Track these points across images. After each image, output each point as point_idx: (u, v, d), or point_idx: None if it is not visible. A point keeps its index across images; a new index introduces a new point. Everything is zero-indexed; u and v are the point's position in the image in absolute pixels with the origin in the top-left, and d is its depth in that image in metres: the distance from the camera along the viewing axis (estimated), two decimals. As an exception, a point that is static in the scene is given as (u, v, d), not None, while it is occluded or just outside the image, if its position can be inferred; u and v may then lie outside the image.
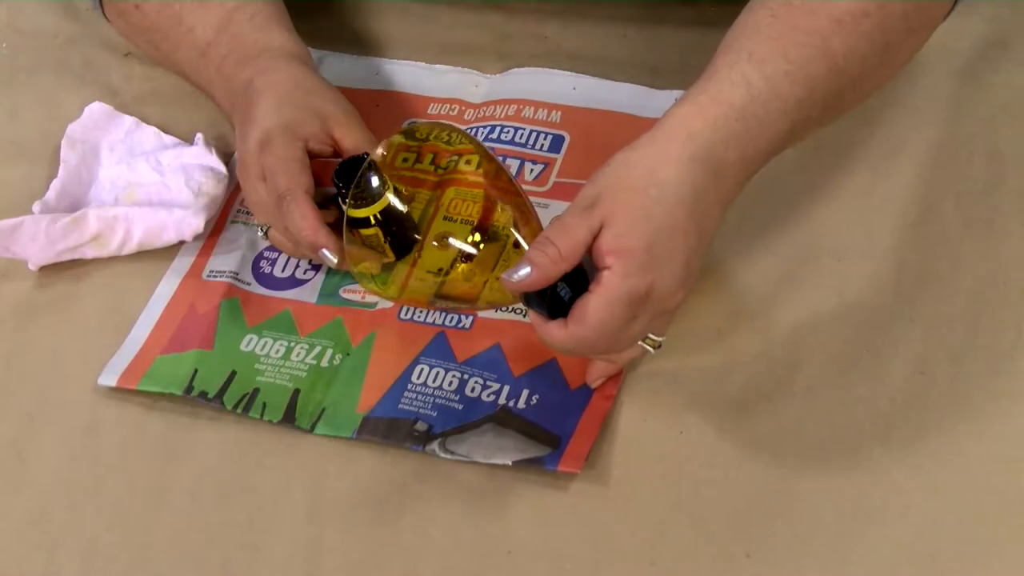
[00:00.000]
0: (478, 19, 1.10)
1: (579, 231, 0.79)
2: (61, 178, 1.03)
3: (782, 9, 0.85)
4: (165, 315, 0.96)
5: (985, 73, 1.00)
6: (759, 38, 0.84)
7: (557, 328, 0.80)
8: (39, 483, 0.90)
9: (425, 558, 0.84)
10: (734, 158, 0.82)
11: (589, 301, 0.79)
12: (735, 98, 0.82)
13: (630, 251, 0.79)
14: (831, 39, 0.84)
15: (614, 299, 0.79)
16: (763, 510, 0.83)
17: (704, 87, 0.83)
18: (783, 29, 0.84)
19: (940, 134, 0.98)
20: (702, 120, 0.81)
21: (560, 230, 0.80)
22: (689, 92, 0.83)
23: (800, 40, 0.84)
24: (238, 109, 0.96)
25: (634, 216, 0.79)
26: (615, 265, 0.79)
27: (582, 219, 0.79)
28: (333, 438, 0.89)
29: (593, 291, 0.79)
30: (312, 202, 0.90)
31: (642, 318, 0.81)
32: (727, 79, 0.83)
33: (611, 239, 0.79)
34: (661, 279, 0.80)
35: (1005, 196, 0.94)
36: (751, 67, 0.83)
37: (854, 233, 0.94)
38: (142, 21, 1.03)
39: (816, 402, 0.87)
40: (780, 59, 0.83)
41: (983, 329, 0.88)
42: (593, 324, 0.79)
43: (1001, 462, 0.83)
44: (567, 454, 0.85)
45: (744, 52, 0.83)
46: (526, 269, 0.79)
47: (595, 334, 0.80)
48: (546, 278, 0.79)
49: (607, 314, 0.79)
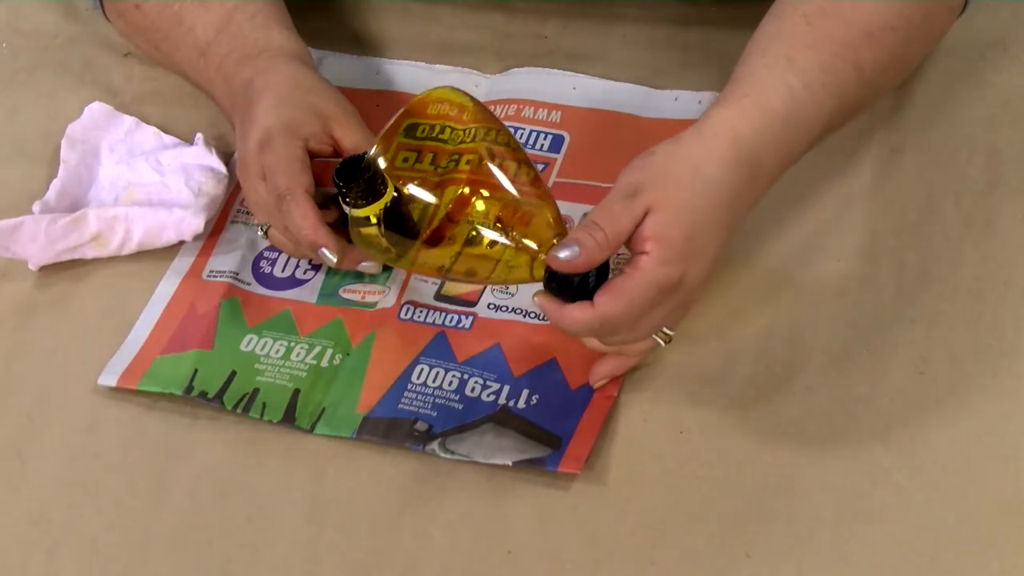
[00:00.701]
0: (478, 19, 1.10)
1: (624, 218, 0.80)
2: (61, 178, 1.03)
3: (816, 18, 0.86)
4: (165, 315, 0.96)
5: (985, 73, 1.00)
6: (797, 45, 0.86)
7: (581, 309, 0.81)
8: (39, 483, 0.90)
9: (425, 558, 0.84)
10: (771, 163, 0.84)
11: (623, 282, 0.80)
12: (778, 104, 0.84)
13: (671, 240, 0.80)
14: (861, 51, 0.87)
15: (647, 283, 0.80)
16: (763, 510, 0.83)
17: (746, 90, 0.84)
18: (818, 38, 0.86)
19: (940, 134, 0.98)
20: (748, 124, 0.83)
21: (607, 216, 0.81)
22: (731, 92, 0.85)
23: (835, 51, 0.86)
24: (238, 108, 0.96)
25: (678, 207, 0.81)
26: (653, 251, 0.80)
27: (626, 206, 0.80)
28: (333, 438, 0.89)
29: (627, 273, 0.80)
30: (312, 201, 0.90)
31: (666, 306, 0.82)
32: (770, 84, 0.84)
33: (653, 226, 0.80)
34: (692, 271, 0.81)
35: (1005, 196, 0.94)
36: (792, 74, 0.85)
37: (854, 233, 0.94)
38: (142, 21, 1.03)
39: (816, 402, 0.87)
40: (817, 68, 0.85)
41: (983, 329, 0.88)
42: (623, 304, 0.80)
43: (1001, 462, 0.83)
44: (567, 455, 0.85)
45: (782, 57, 0.85)
46: (575, 249, 0.80)
47: (624, 314, 0.80)
48: (591, 262, 0.80)
49: (639, 296, 0.80)
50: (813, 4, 0.87)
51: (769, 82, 0.84)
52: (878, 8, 0.87)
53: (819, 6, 0.87)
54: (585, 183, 0.98)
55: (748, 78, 0.85)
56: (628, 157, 0.98)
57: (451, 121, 0.87)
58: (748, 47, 0.88)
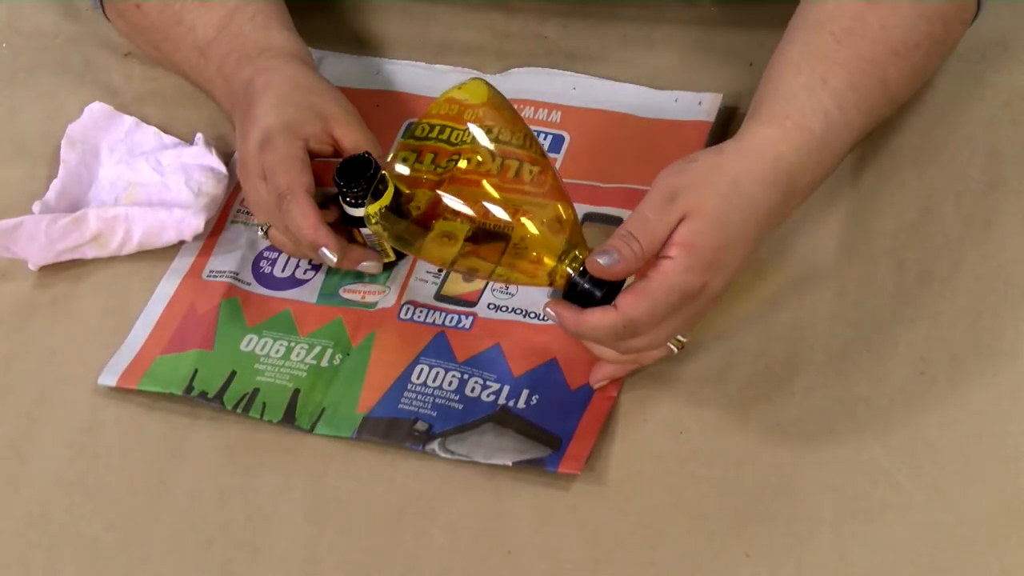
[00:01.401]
0: (478, 19, 1.10)
1: (659, 228, 0.81)
2: (61, 178, 1.03)
3: (846, 35, 0.87)
4: (165, 315, 0.96)
5: (985, 73, 1.00)
6: (830, 64, 0.87)
7: (604, 313, 0.81)
8: (39, 483, 0.90)
9: (425, 558, 0.84)
10: (805, 185, 0.86)
11: (646, 285, 0.80)
12: (816, 126, 0.85)
13: (699, 248, 0.80)
14: (888, 69, 0.88)
15: (669, 287, 0.80)
16: (763, 510, 0.83)
17: (786, 110, 0.85)
18: (849, 57, 0.87)
19: (940, 134, 0.97)
20: (788, 146, 0.84)
21: (642, 226, 0.81)
22: (771, 112, 0.85)
23: (864, 69, 0.87)
24: (238, 108, 0.96)
25: (713, 217, 0.81)
26: (679, 256, 0.80)
27: (662, 215, 0.81)
28: (333, 438, 0.89)
29: (652, 277, 0.81)
30: (313, 201, 0.90)
31: (685, 313, 0.82)
32: (808, 105, 0.85)
33: (687, 232, 0.80)
34: (714, 282, 0.82)
35: (1005, 196, 0.94)
36: (826, 95, 0.86)
37: (854, 233, 0.94)
38: (142, 21, 1.03)
39: (816, 402, 0.87)
40: (850, 89, 0.86)
41: (983, 329, 0.88)
42: (647, 306, 0.80)
43: (1001, 462, 0.83)
44: (567, 455, 0.85)
45: (817, 77, 0.86)
46: (614, 256, 0.80)
47: (647, 316, 0.80)
48: (628, 271, 0.81)
49: (662, 299, 0.80)
50: (841, 22, 0.87)
51: (809, 105, 0.85)
52: (904, 26, 0.88)
53: (847, 25, 0.87)
54: (585, 183, 0.98)
55: (787, 99, 0.86)
56: (629, 157, 0.99)
57: (452, 121, 0.88)
58: (777, 59, 0.88)
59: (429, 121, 0.88)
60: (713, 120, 0.99)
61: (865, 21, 0.88)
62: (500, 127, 0.86)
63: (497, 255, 0.84)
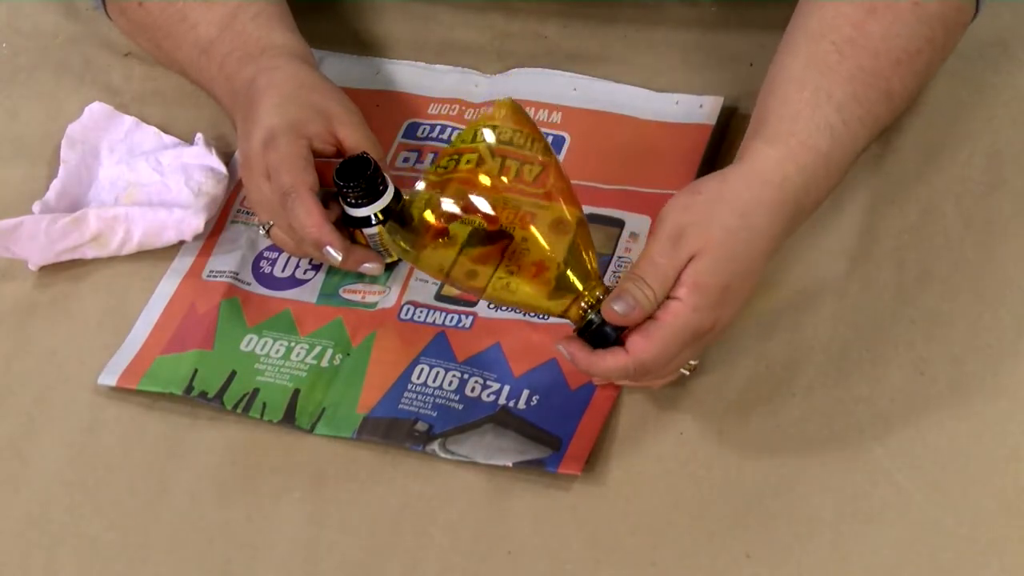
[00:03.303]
0: (478, 19, 1.10)
1: (670, 272, 0.80)
2: (61, 178, 1.03)
3: (848, 47, 0.86)
4: (165, 315, 0.96)
5: (985, 73, 1.00)
6: (833, 78, 0.86)
7: (615, 356, 0.81)
8: (39, 483, 0.90)
9: (425, 558, 0.84)
10: (811, 203, 0.85)
11: (656, 329, 0.80)
12: (822, 144, 0.84)
13: (708, 288, 0.80)
14: (892, 79, 0.87)
15: (680, 328, 0.80)
16: (763, 510, 0.83)
17: (792, 128, 0.84)
18: (852, 69, 0.86)
19: (940, 134, 0.97)
20: (795, 166, 0.83)
21: (653, 271, 0.80)
22: (775, 129, 0.85)
23: (868, 82, 0.86)
24: (240, 107, 0.96)
25: (721, 255, 0.81)
26: (688, 298, 0.80)
27: (671, 258, 0.80)
28: (333, 438, 0.89)
29: (661, 319, 0.80)
30: (316, 199, 0.90)
31: (695, 347, 0.83)
32: (813, 123, 0.84)
33: (694, 273, 0.80)
34: (724, 316, 0.82)
35: (1005, 196, 0.94)
36: (831, 110, 0.85)
37: (854, 233, 0.94)
38: (144, 19, 1.03)
39: (816, 402, 0.87)
40: (854, 103, 0.85)
41: (983, 329, 0.88)
42: (657, 350, 0.80)
43: (1001, 462, 0.83)
44: (568, 456, 0.85)
45: (822, 93, 0.85)
46: (630, 302, 0.80)
47: (657, 359, 0.81)
48: (645, 317, 0.81)
49: (672, 341, 0.80)
50: (842, 32, 0.86)
51: (814, 122, 0.84)
52: (905, 34, 0.87)
53: (849, 35, 0.86)
54: (586, 184, 0.97)
55: (792, 117, 0.85)
56: (629, 159, 0.99)
57: (452, 121, 0.88)
58: (780, 72, 0.87)
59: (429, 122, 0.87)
60: (714, 123, 0.99)
61: (866, 31, 0.87)
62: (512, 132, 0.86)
63: (497, 259, 0.84)
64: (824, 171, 0.85)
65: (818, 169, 0.84)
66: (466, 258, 0.84)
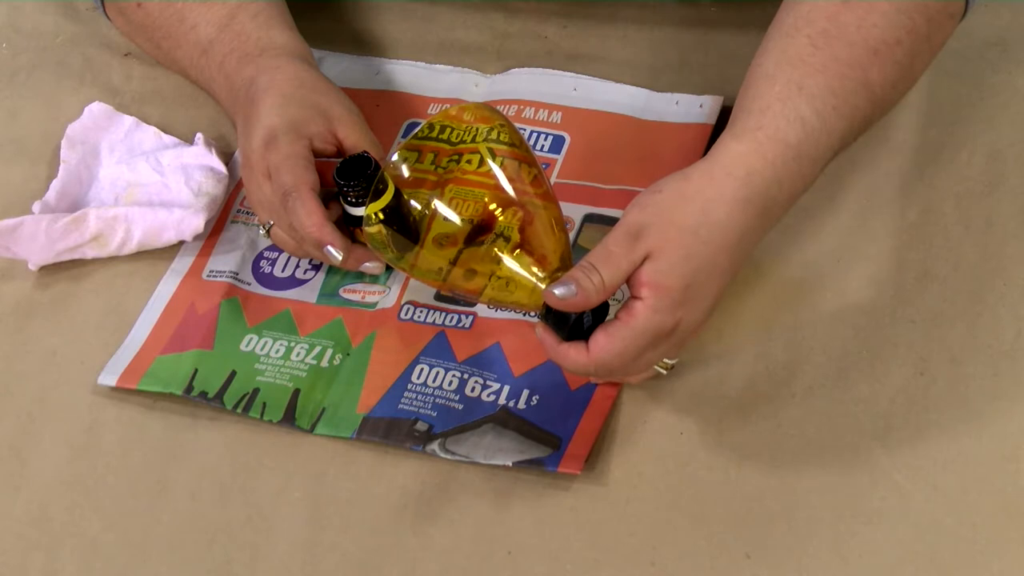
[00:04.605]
0: (478, 19, 1.10)
1: (623, 263, 0.80)
2: (61, 178, 1.03)
3: (821, 39, 0.85)
4: (165, 315, 0.96)
5: (985, 73, 1.00)
6: (806, 70, 0.84)
7: (576, 352, 0.81)
8: (39, 483, 0.90)
9: (425, 558, 0.84)
10: (784, 197, 0.84)
11: (617, 329, 0.80)
12: (791, 136, 0.83)
13: (667, 288, 0.79)
14: (870, 70, 0.85)
15: (640, 331, 0.80)
16: (763, 510, 0.83)
17: (759, 122, 0.83)
18: (826, 60, 0.85)
19: (940, 134, 0.98)
20: (761, 160, 0.82)
21: (605, 259, 0.80)
22: (744, 124, 0.83)
23: (843, 72, 0.85)
24: (240, 107, 0.96)
25: (679, 255, 0.80)
26: (648, 299, 0.79)
27: (626, 251, 0.80)
28: (333, 438, 0.89)
29: (622, 319, 0.80)
30: (317, 199, 0.90)
31: (661, 348, 0.82)
32: (782, 115, 0.83)
33: (651, 273, 0.80)
34: (688, 316, 0.81)
35: (1005, 196, 0.94)
36: (803, 102, 0.83)
37: (854, 233, 0.94)
38: (144, 19, 1.03)
39: (816, 402, 0.87)
40: (828, 94, 0.84)
41: (983, 329, 0.88)
42: (617, 351, 0.80)
43: (1001, 462, 0.83)
44: (567, 455, 0.85)
45: (793, 85, 0.84)
46: (571, 288, 0.79)
47: (617, 361, 0.80)
48: (587, 304, 0.80)
49: (632, 343, 0.80)
50: (816, 26, 0.86)
51: (783, 114, 0.83)
52: (882, 24, 0.86)
53: (823, 28, 0.85)
54: (586, 184, 0.98)
55: (761, 110, 0.84)
56: (630, 159, 0.99)
57: (452, 121, 0.88)
58: (754, 71, 0.86)
59: (430, 121, 0.88)
60: (714, 123, 0.99)
61: (840, 22, 0.85)
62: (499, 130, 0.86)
63: (496, 260, 0.84)
64: (795, 163, 0.83)
65: (788, 162, 0.83)
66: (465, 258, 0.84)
